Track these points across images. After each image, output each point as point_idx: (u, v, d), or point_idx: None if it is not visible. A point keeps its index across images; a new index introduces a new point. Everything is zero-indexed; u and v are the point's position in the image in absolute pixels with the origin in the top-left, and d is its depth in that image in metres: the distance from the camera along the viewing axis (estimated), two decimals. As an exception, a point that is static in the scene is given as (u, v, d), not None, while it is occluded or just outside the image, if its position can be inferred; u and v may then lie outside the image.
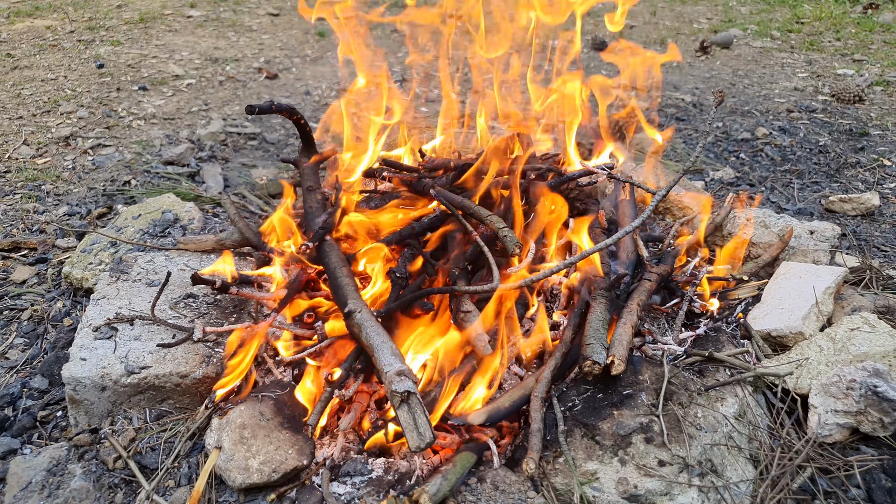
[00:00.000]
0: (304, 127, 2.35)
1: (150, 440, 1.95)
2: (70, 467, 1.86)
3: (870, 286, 2.64)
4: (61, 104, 4.73)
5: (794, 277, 2.49)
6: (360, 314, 1.97)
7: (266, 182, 3.57)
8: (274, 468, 1.76)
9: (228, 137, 4.42)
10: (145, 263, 2.49)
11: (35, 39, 6.18)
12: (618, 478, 1.73)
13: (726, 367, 2.12)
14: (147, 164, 3.96)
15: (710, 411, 1.91)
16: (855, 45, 7.06)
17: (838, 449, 1.94)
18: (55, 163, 3.95)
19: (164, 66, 5.67)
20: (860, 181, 4.04)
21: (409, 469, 1.84)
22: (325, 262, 2.20)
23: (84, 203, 3.53)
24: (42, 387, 2.28)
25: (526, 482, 1.74)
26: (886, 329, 2.14)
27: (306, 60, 6.17)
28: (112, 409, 2.01)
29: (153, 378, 1.99)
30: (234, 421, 1.83)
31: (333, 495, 1.76)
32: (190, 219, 2.94)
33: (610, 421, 1.84)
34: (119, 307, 2.23)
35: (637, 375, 1.98)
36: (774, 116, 5.10)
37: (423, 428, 1.62)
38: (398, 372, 1.72)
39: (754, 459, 1.89)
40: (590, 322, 2.02)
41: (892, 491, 1.84)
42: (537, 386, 1.90)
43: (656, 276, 2.41)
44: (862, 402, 1.90)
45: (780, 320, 2.31)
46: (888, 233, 3.41)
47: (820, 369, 2.07)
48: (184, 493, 1.79)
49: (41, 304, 2.71)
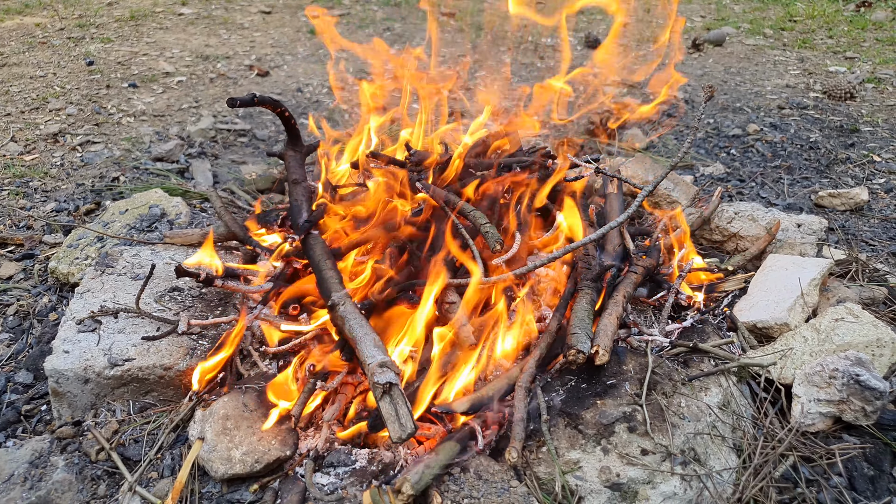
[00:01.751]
0: (289, 120, 2.34)
1: (134, 432, 1.94)
2: (53, 459, 1.86)
3: (856, 278, 2.65)
4: (50, 101, 4.71)
5: (780, 269, 2.50)
6: (343, 306, 1.97)
7: (255, 177, 3.57)
8: (257, 459, 1.75)
9: (218, 134, 4.41)
10: (131, 257, 2.48)
11: (24, 37, 6.16)
12: (600, 466, 1.73)
13: (711, 358, 2.12)
14: (136, 161, 3.95)
15: (693, 401, 1.92)
16: (847, 42, 7.08)
17: (821, 438, 1.95)
18: (43, 159, 3.94)
19: (155, 64, 5.65)
20: (850, 177, 4.05)
21: (393, 460, 1.84)
22: (309, 254, 2.19)
23: (72, 199, 3.52)
24: (27, 381, 2.27)
25: (509, 471, 1.74)
26: (870, 319, 2.15)
27: (298, 58, 6.16)
28: (95, 402, 2.00)
29: (137, 370, 1.98)
30: (218, 412, 1.83)
31: (316, 486, 1.75)
32: (177, 213, 2.94)
33: (593, 410, 1.84)
34: (104, 300, 2.23)
35: (621, 366, 1.99)
36: (766, 113, 5.11)
37: (404, 419, 1.61)
38: (380, 363, 1.72)
39: (737, 448, 1.90)
40: (575, 312, 2.02)
41: (875, 479, 1.85)
42: (521, 376, 1.90)
43: (642, 269, 2.41)
44: (844, 391, 1.91)
45: (766, 312, 2.31)
46: (876, 227, 3.42)
47: (804, 359, 2.08)
48: (167, 484, 1.78)
49: (27, 299, 2.70)
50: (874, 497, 1.82)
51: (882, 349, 2.06)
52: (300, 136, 2.45)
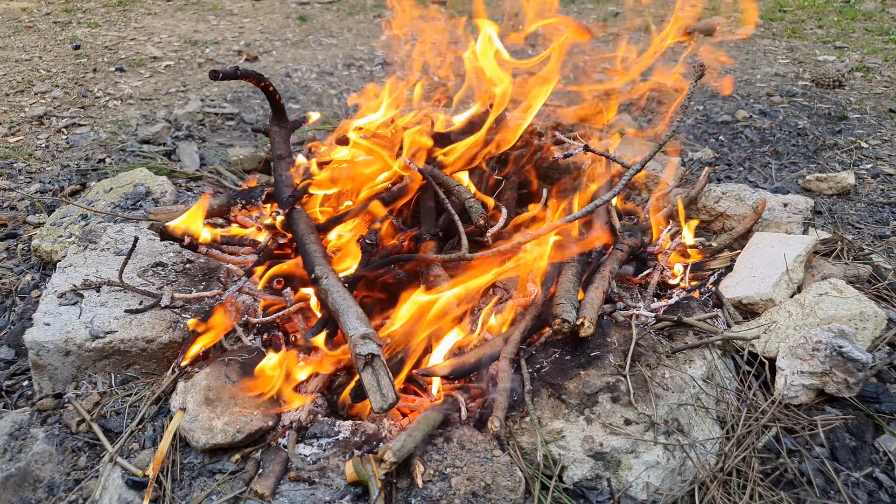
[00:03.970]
0: (273, 94, 2.32)
1: (115, 404, 1.93)
2: (33, 431, 1.84)
3: (841, 257, 2.66)
4: (35, 84, 4.66)
5: (766, 247, 2.50)
6: (326, 280, 1.96)
7: (241, 158, 3.54)
8: (238, 428, 1.74)
9: (206, 118, 4.38)
10: (114, 233, 2.46)
11: (10, 21, 6.09)
12: (583, 436, 1.73)
13: (696, 332, 2.13)
14: (123, 143, 3.91)
15: (677, 373, 1.92)
16: (836, 32, 7.10)
17: (804, 410, 1.95)
18: (28, 141, 3.90)
19: (143, 49, 5.60)
20: (837, 162, 4.07)
21: (376, 431, 1.83)
22: (293, 228, 2.18)
23: (57, 181, 3.48)
24: (8, 357, 2.25)
25: (492, 441, 1.73)
26: (854, 294, 2.16)
27: (287, 44, 6.12)
28: (76, 375, 1.98)
29: (118, 343, 1.97)
30: (200, 383, 1.82)
31: (299, 456, 1.74)
32: (162, 192, 2.91)
33: (577, 381, 1.84)
34: (86, 275, 2.21)
35: (605, 338, 1.98)
36: (755, 100, 5.12)
37: (386, 389, 1.61)
38: (363, 335, 1.71)
39: (721, 420, 1.90)
40: (561, 283, 2.01)
41: (856, 449, 1.86)
42: (506, 347, 1.90)
43: (627, 247, 2.41)
44: (827, 363, 1.91)
45: (751, 288, 2.32)
46: (862, 211, 3.43)
47: (788, 333, 2.08)
48: (148, 455, 1.77)
49: (10, 277, 2.67)
50: (856, 467, 1.83)
51: (865, 322, 2.07)
52: (285, 112, 2.43)
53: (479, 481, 1.62)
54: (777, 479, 1.78)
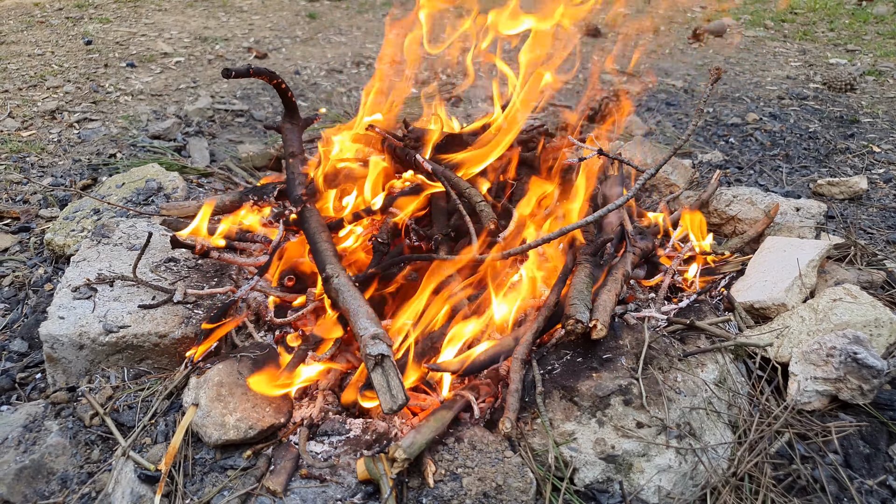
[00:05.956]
0: (286, 92, 2.32)
1: (128, 399, 1.93)
2: (47, 424, 1.85)
3: (854, 262, 2.65)
4: (48, 79, 4.68)
5: (778, 251, 2.49)
6: (337, 279, 1.96)
7: (251, 155, 3.54)
8: (250, 425, 1.75)
9: (216, 114, 4.38)
10: (127, 228, 2.46)
11: (23, 16, 6.11)
12: (595, 438, 1.73)
13: (707, 336, 2.12)
14: (133, 138, 3.92)
15: (689, 376, 1.91)
16: (848, 35, 7.07)
17: (817, 416, 1.94)
18: (40, 135, 3.91)
19: (153, 44, 5.62)
20: (849, 166, 4.05)
21: (387, 430, 1.83)
22: (304, 227, 2.18)
23: (69, 175, 3.49)
24: (21, 350, 2.26)
25: (503, 442, 1.73)
26: (868, 300, 2.14)
27: (296, 41, 6.13)
28: (90, 368, 1.99)
29: (132, 337, 1.97)
30: (212, 379, 1.82)
31: (310, 453, 1.75)
32: (174, 188, 2.92)
33: (589, 383, 1.83)
34: (99, 269, 2.21)
35: (617, 341, 1.98)
36: (765, 103, 5.10)
37: (395, 390, 1.61)
38: (373, 335, 1.71)
39: (733, 424, 1.90)
40: (573, 284, 2.01)
41: (870, 457, 1.85)
42: (518, 348, 1.89)
43: (639, 250, 2.41)
44: (841, 369, 1.90)
45: (763, 292, 2.31)
46: (875, 216, 3.41)
47: (801, 338, 2.07)
48: (160, 449, 1.77)
49: (23, 270, 2.69)
50: (870, 475, 1.82)
51: (880, 329, 2.06)
52: (297, 109, 2.43)
53: (490, 482, 1.62)
54: (790, 485, 1.77)
